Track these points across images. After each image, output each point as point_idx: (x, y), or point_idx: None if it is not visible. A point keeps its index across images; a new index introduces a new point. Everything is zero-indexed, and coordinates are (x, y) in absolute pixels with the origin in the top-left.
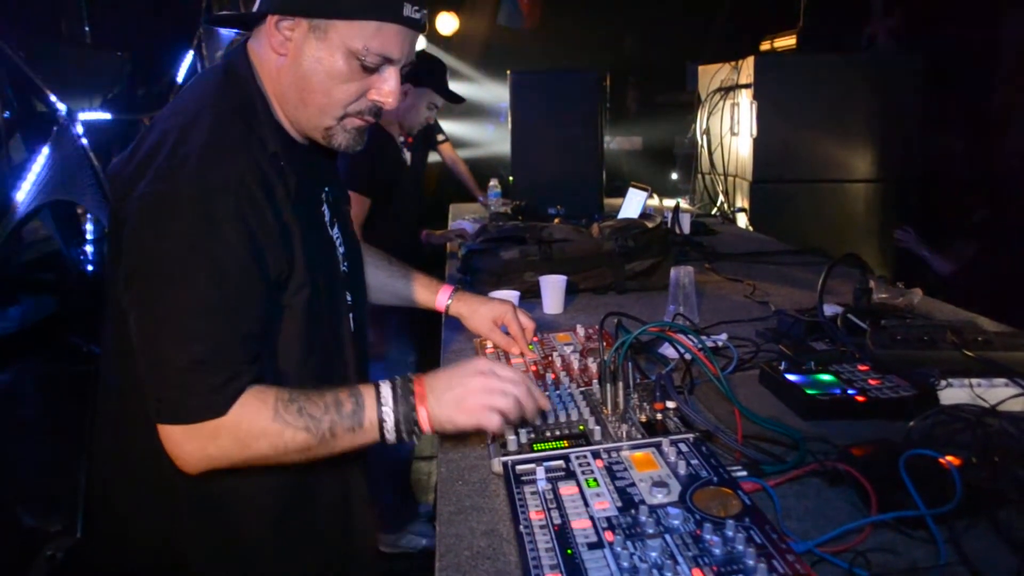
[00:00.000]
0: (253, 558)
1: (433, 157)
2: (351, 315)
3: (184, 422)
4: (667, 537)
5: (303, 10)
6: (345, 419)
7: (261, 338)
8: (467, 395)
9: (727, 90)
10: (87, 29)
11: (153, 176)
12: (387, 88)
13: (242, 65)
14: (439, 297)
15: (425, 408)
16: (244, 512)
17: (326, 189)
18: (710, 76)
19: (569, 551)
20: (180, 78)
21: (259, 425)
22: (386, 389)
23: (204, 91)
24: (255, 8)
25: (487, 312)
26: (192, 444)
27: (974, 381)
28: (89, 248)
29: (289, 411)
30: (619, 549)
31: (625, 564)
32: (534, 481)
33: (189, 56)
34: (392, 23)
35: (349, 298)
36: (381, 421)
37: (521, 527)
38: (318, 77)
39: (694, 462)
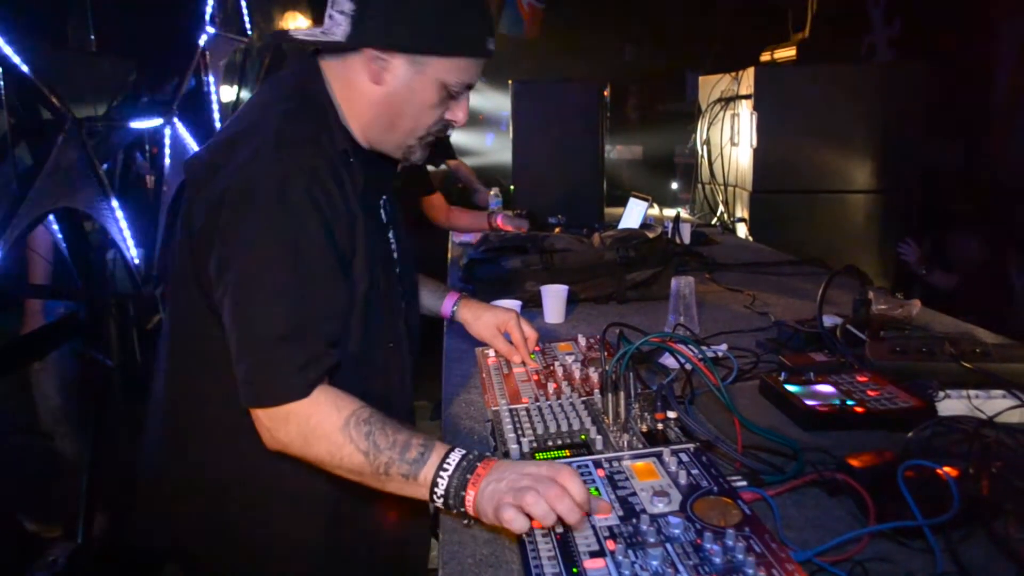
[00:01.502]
0: (303, 558)
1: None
2: (404, 319)
3: (267, 405)
4: (668, 546)
5: (405, 47)
6: (403, 464)
7: (339, 322)
8: (503, 490)
9: (727, 100)
10: (92, 37)
11: (231, 171)
12: (462, 111)
13: (314, 77)
14: (445, 303)
15: (475, 491)
16: (296, 511)
17: (384, 198)
18: (710, 86)
19: (575, 570)
20: (185, 86)
21: (325, 427)
22: (456, 456)
23: (277, 94)
24: (346, 36)
25: (490, 319)
26: (269, 424)
27: (972, 393)
28: (92, 255)
29: (358, 429)
30: (620, 558)
31: (627, 573)
32: None
33: (194, 63)
34: (478, 57)
35: (403, 303)
36: (434, 483)
37: (523, 535)
38: (412, 105)
39: (694, 472)
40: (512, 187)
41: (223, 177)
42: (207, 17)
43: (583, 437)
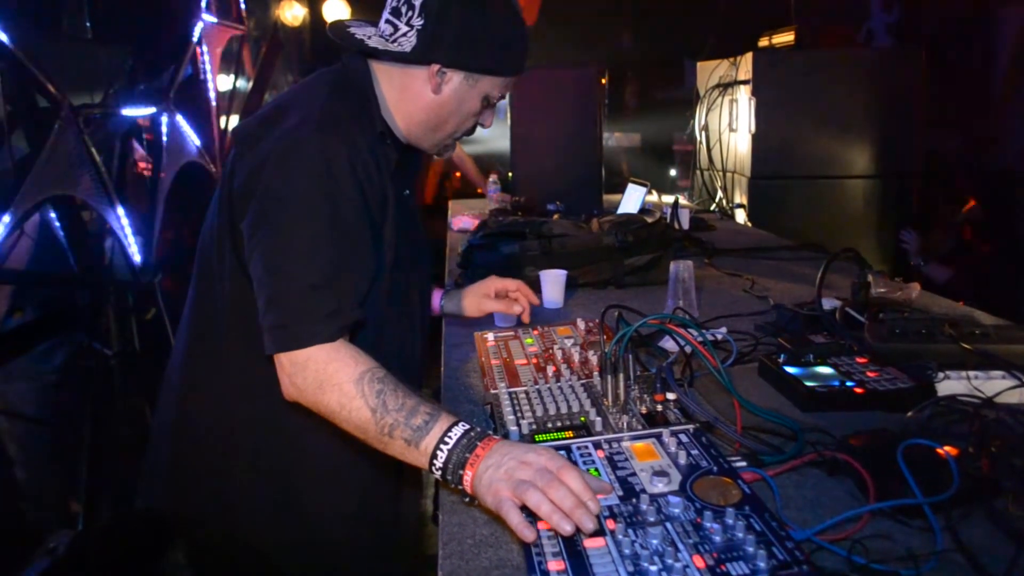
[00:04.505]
0: (302, 527)
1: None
2: (419, 302)
3: (291, 349)
4: (668, 525)
5: (467, 66)
6: (407, 429)
7: (366, 283)
8: (503, 479)
9: (726, 86)
10: (88, 24)
11: (276, 137)
12: (491, 117)
13: (360, 69)
14: (434, 300)
15: (472, 471)
16: (301, 476)
17: (407, 191)
18: (708, 72)
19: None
20: (181, 74)
21: (340, 376)
22: (458, 430)
23: (324, 80)
24: (414, 49)
25: (474, 291)
26: (290, 369)
27: (971, 373)
28: (90, 243)
29: (371, 386)
30: (621, 537)
31: (627, 551)
32: None
33: (190, 51)
34: (518, 75)
35: (417, 287)
36: (434, 455)
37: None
38: (458, 114)
39: (694, 452)
40: (510, 174)
41: (267, 142)
42: (203, 5)
43: (583, 419)
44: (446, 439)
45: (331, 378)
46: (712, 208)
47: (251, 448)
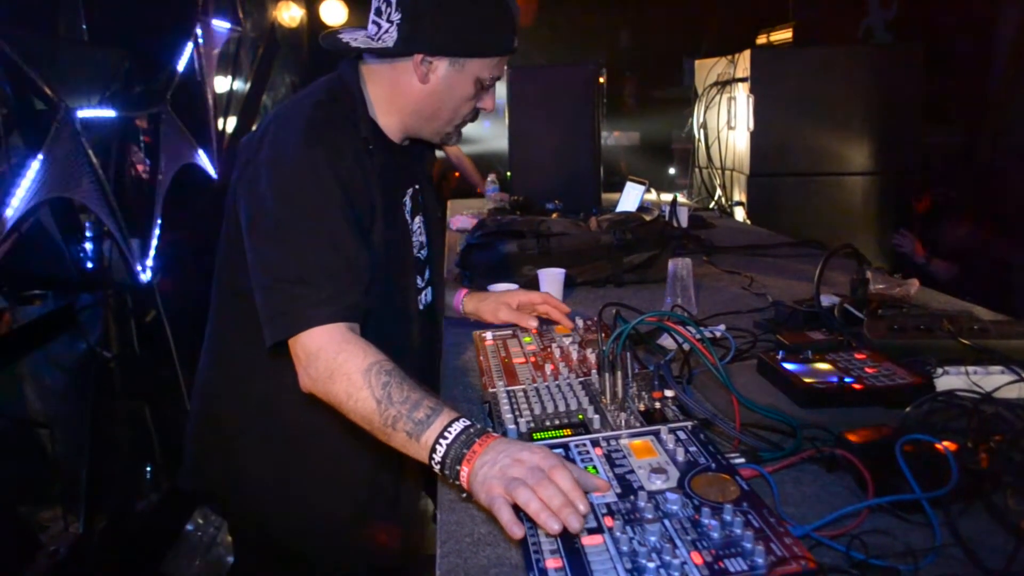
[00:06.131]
0: (304, 502)
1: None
2: (421, 297)
3: (294, 332)
4: (666, 522)
5: (449, 52)
6: (409, 422)
7: (363, 270)
8: (497, 476)
9: (724, 84)
10: (84, 27)
11: (268, 144)
12: (491, 100)
13: (351, 76)
14: (456, 299)
15: (469, 467)
16: (294, 460)
17: (416, 187)
18: (707, 70)
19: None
20: (178, 76)
21: (349, 367)
22: (458, 426)
23: (314, 89)
24: (396, 43)
25: (497, 298)
26: (304, 360)
27: (970, 368)
28: (88, 246)
29: (378, 378)
30: (618, 534)
31: (624, 548)
32: None
33: (187, 52)
34: (507, 55)
35: (420, 282)
36: (433, 448)
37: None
38: (452, 100)
39: (692, 449)
40: (509, 173)
41: (260, 152)
42: (200, 6)
43: (580, 417)
44: (446, 434)
45: (340, 367)
46: (711, 206)
47: (257, 431)
